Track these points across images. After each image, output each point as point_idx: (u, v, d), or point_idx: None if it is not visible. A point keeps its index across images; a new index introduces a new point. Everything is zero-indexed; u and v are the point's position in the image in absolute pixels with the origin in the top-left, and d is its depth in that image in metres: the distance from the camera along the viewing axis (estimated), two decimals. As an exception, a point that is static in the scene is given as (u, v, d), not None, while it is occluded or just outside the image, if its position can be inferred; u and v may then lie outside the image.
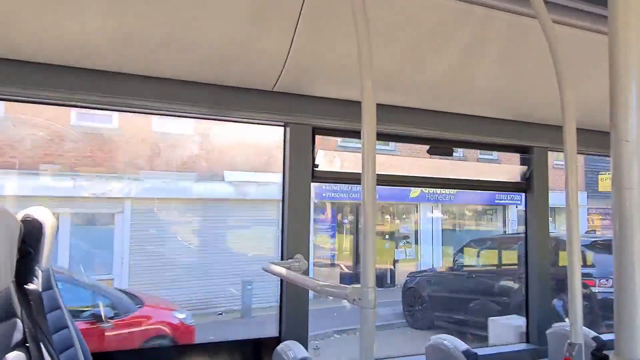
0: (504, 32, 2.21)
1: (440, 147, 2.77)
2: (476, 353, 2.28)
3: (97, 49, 1.94)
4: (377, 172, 1.41)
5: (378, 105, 2.49)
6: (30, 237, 1.75)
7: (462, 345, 2.33)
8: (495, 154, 11.18)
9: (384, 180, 2.64)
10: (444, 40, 2.22)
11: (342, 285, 1.50)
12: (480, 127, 2.81)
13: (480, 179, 2.98)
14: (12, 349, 1.44)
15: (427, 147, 2.79)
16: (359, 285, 1.38)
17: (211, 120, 2.48)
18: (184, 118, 2.34)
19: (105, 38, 1.87)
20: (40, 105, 2.15)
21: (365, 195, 1.38)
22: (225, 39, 1.96)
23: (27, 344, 1.50)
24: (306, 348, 2.28)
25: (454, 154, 2.88)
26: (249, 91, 2.31)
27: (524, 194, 3.11)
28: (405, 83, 2.41)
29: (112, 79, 2.07)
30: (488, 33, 2.23)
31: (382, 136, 2.62)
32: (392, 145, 11.74)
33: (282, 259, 2.41)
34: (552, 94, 1.68)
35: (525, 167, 3.07)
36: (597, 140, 2.93)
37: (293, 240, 2.40)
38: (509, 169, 3.13)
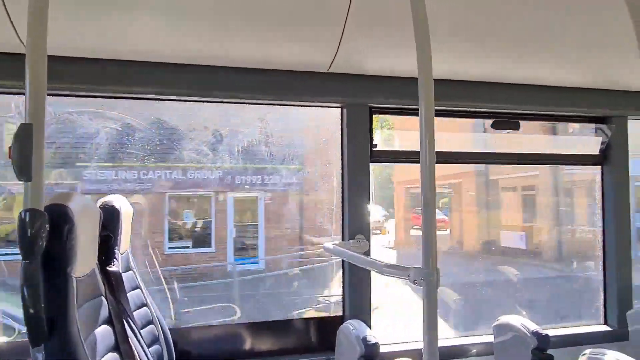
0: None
1: (506, 121, 2.64)
2: (547, 334, 2.19)
3: (148, 40, 2.02)
4: (436, 150, 1.38)
5: (438, 80, 2.42)
6: (109, 223, 1.90)
7: (532, 325, 2.25)
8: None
9: (444, 157, 2.56)
10: (508, 5, 2.09)
11: (404, 266, 1.49)
12: (550, 97, 2.64)
13: (550, 152, 2.81)
14: (100, 325, 1.58)
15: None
16: (421, 266, 1.37)
17: (269, 106, 2.52)
18: (241, 104, 2.40)
19: (154, 29, 1.94)
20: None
21: (425, 174, 1.36)
22: (278, 21, 1.97)
23: (112, 320, 1.64)
24: (369, 326, 2.31)
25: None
26: (304, 74, 2.31)
27: (600, 167, 2.90)
28: (466, 53, 2.29)
29: (164, 70, 2.16)
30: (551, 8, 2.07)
31: (442, 113, 2.53)
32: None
33: (343, 240, 2.44)
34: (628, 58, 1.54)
35: (600, 139, 2.86)
36: None
37: (354, 221, 2.41)
38: (583, 140, 2.92)
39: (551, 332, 2.61)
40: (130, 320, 1.75)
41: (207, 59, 2.17)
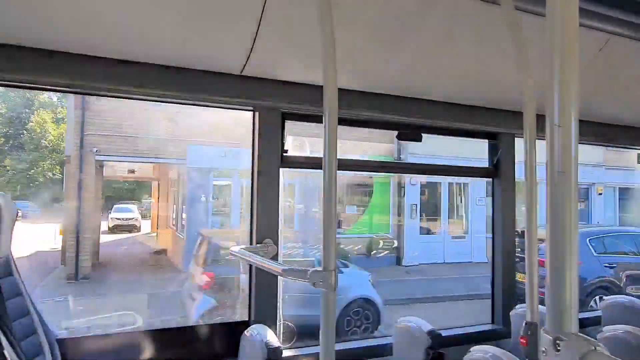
0: (472, 19, 2.23)
1: (410, 133, 2.79)
2: (440, 333, 2.34)
3: (67, 31, 1.90)
4: (339, 157, 1.43)
5: (345, 90, 2.50)
6: None
7: (427, 326, 2.39)
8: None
9: (347, 165, 2.65)
10: (412, 26, 2.23)
11: (305, 268, 1.52)
12: (449, 113, 2.84)
13: (449, 164, 3.03)
14: None
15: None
16: (320, 268, 1.40)
17: (180, 105, 2.45)
18: (153, 102, 2.30)
19: (75, 21, 1.83)
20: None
21: (327, 179, 1.40)
22: (191, 21, 1.93)
23: None
24: (275, 332, 2.31)
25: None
26: (216, 75, 2.28)
27: (491, 179, 3.18)
28: (374, 69, 2.41)
29: (77, 62, 2.03)
30: (456, 20, 2.25)
31: (348, 121, 2.62)
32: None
33: (250, 244, 2.42)
34: (517, 81, 1.71)
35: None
36: None
37: (262, 226, 2.40)
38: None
39: (444, 332, 2.79)
40: (7, 331, 1.59)
41: (120, 52, 2.06)
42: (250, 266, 2.43)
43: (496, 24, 2.17)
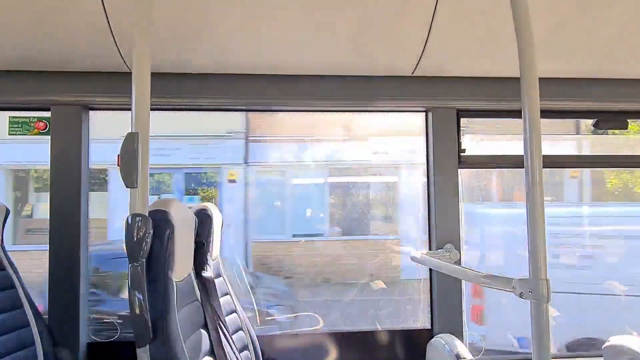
0: None
1: (612, 120, 2.39)
2: None
3: (236, 54, 2.09)
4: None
5: (543, 78, 2.26)
6: (202, 230, 1.97)
7: None
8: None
9: (550, 161, 2.37)
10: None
11: (506, 276, 1.38)
12: None
13: None
14: (197, 329, 1.62)
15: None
16: (527, 277, 1.26)
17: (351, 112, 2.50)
18: (327, 112, 2.40)
19: (239, 39, 2.00)
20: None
21: (531, 179, 1.25)
22: (361, 27, 1.95)
23: (207, 325, 1.69)
24: (462, 341, 2.18)
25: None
26: (387, 78, 2.27)
27: None
28: (567, 49, 2.12)
29: (253, 81, 2.22)
30: None
31: (543, 113, 2.35)
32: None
33: (430, 249, 2.34)
34: None
35: None
36: None
37: (442, 230, 2.30)
38: None
39: None
40: (223, 326, 1.79)
41: (290, 68, 2.20)
42: (431, 272, 2.35)
43: None
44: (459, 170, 2.34)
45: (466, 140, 2.36)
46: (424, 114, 2.40)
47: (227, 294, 2.14)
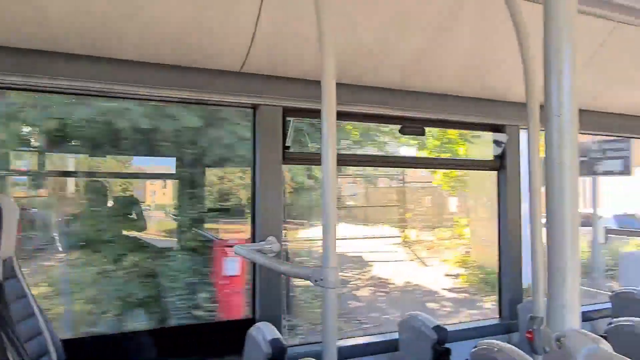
0: (474, 9, 2.20)
1: (412, 127, 2.77)
2: (446, 329, 2.33)
3: (60, 31, 1.88)
4: (338, 152, 1.41)
5: (345, 85, 2.47)
6: None
7: (433, 321, 2.37)
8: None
9: (346, 160, 2.63)
10: (413, 18, 2.20)
11: (306, 266, 1.51)
12: (452, 106, 2.81)
13: (452, 157, 2.99)
14: None
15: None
16: (320, 266, 1.39)
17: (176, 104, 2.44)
18: (150, 102, 2.30)
19: (68, 21, 1.82)
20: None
21: (326, 175, 1.38)
22: (188, 18, 1.91)
23: None
24: (279, 329, 2.30)
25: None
26: (216, 72, 2.27)
27: (496, 172, 3.14)
28: (375, 62, 2.38)
29: (74, 63, 2.02)
30: (458, 11, 2.22)
31: (349, 116, 2.60)
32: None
33: (253, 241, 2.41)
34: (522, 72, 1.68)
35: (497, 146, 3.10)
36: None
37: (265, 223, 2.39)
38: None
39: (450, 327, 2.77)
40: (10, 332, 1.59)
41: (117, 51, 2.05)
42: (254, 263, 2.42)
43: (499, 14, 2.13)
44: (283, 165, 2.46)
45: (290, 138, 2.49)
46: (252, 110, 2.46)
47: (23, 296, 1.91)
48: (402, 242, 11.19)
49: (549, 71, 0.70)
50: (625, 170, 7.65)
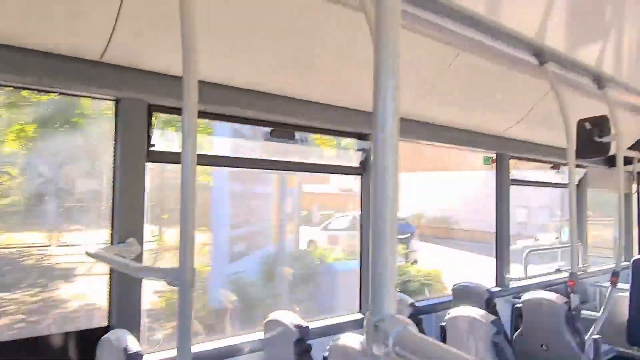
0: (337, 23, 2.34)
1: (282, 131, 2.84)
2: (307, 326, 2.43)
3: None
4: (198, 152, 1.40)
5: (212, 84, 2.45)
6: None
7: (297, 319, 2.46)
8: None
9: (207, 160, 2.61)
10: (283, 27, 2.27)
11: (163, 267, 1.46)
12: (323, 114, 2.95)
13: (318, 162, 3.14)
14: None
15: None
16: (177, 267, 1.37)
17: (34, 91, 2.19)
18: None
19: None
20: None
21: (185, 174, 1.37)
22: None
23: None
24: (138, 336, 2.19)
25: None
26: (73, 59, 2.08)
27: (360, 177, 3.36)
28: (243, 63, 2.40)
29: None
30: (322, 24, 2.34)
31: (216, 116, 2.58)
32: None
33: (112, 244, 2.26)
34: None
35: (361, 153, 3.33)
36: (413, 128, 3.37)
37: (125, 224, 2.26)
38: (347, 153, 3.34)
39: (313, 324, 2.90)
40: None
41: None
42: (111, 268, 2.27)
43: (360, 29, 2.30)
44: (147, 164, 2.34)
45: (156, 136, 2.38)
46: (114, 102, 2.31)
47: None
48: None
49: (377, 88, 0.80)
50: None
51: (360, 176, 3.35)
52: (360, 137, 3.32)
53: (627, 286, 4.67)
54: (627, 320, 4.57)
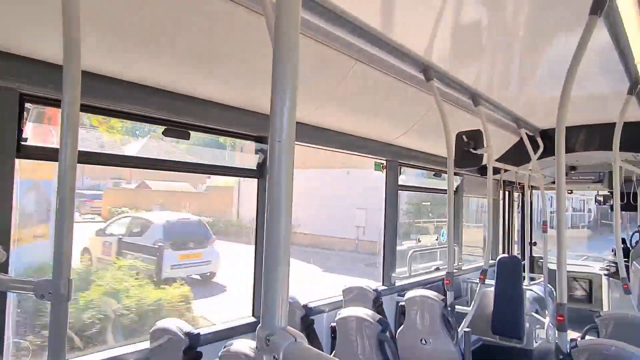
0: (236, 24, 2.30)
1: (177, 130, 2.71)
2: (198, 333, 2.35)
3: None
4: (79, 149, 1.29)
5: (99, 76, 2.26)
6: None
7: (186, 327, 2.37)
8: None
9: (88, 158, 2.42)
10: (181, 21, 2.16)
11: (33, 279, 1.31)
12: (219, 114, 2.87)
13: (215, 164, 3.06)
14: None
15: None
16: (50, 277, 1.24)
17: None
18: None
19: None
20: None
21: (62, 173, 1.25)
22: None
23: None
24: (1, 351, 1.94)
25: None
26: None
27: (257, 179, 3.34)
28: (136, 55, 2.24)
29: None
30: (225, 24, 2.28)
31: (101, 110, 2.38)
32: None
33: None
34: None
35: (258, 156, 3.31)
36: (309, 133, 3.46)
37: None
38: (244, 156, 3.31)
39: (205, 330, 2.82)
40: None
41: None
42: None
43: (261, 32, 2.28)
44: (18, 160, 2.09)
45: (29, 129, 2.14)
46: None
47: None
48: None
49: (275, 91, 0.80)
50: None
51: (257, 179, 3.33)
52: (258, 139, 3.30)
53: (493, 282, 5.26)
54: (491, 312, 5.14)
